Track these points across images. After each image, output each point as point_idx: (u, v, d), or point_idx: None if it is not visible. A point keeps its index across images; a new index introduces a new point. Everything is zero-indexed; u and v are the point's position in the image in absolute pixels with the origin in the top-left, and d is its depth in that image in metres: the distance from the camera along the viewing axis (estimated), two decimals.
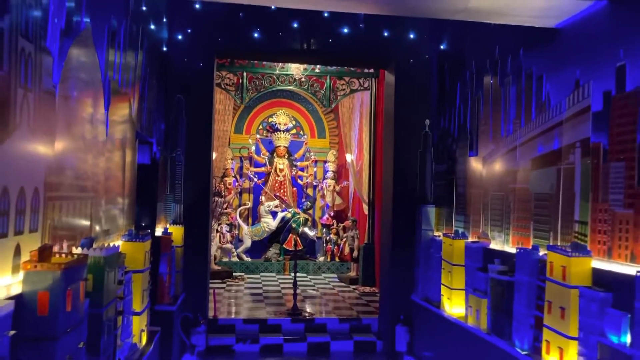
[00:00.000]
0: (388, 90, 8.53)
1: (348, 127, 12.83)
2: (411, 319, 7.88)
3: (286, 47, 8.08)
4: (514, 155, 5.76)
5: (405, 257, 8.05)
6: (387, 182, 8.42)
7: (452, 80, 7.60)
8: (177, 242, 7.34)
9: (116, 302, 3.79)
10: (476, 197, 6.62)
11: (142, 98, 5.77)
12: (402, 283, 8.06)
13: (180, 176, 7.64)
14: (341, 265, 12.94)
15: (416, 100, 8.15)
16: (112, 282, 3.52)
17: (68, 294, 2.48)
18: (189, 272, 7.70)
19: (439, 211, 7.75)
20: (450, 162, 7.46)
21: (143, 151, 6.65)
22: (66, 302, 2.47)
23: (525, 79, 5.65)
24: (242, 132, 14.11)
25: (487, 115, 6.46)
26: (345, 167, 13.88)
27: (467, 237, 6.68)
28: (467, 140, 6.93)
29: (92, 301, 3.15)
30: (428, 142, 8.04)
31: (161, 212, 7.14)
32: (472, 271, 6.21)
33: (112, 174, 4.51)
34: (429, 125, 8.06)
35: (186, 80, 7.77)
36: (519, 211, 5.62)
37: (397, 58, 8.18)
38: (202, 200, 7.82)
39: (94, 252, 3.21)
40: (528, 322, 4.97)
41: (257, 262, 12.91)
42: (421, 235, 7.76)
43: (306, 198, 13.88)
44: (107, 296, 3.39)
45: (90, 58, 3.70)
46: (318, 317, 8.54)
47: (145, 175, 6.59)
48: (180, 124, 7.70)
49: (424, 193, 7.99)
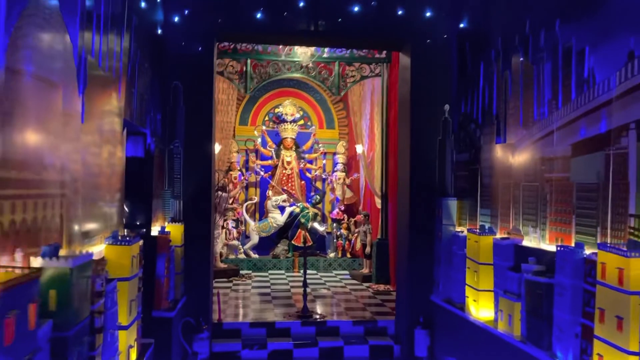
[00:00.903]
0: (403, 73, 7.87)
1: (358, 117, 12.18)
2: (432, 321, 7.26)
3: (292, 28, 7.43)
4: (550, 141, 5.10)
5: (423, 255, 7.43)
6: (404, 173, 7.77)
7: (474, 61, 6.94)
8: (177, 242, 6.75)
9: (93, 318, 3.20)
10: (505, 188, 5.97)
11: (131, 83, 5.17)
12: (420, 282, 7.45)
13: (179, 170, 7.04)
14: (353, 261, 12.33)
15: (434, 84, 7.49)
16: (85, 297, 2.93)
17: (7, 324, 1.89)
18: (191, 273, 7.12)
19: (461, 204, 7.11)
20: (474, 150, 6.81)
21: (135, 143, 6.06)
22: (4, 335, 1.87)
23: (562, 54, 4.98)
24: (247, 123, 13.51)
25: (516, 97, 5.79)
26: (355, 159, 13.25)
27: (495, 232, 6.04)
28: (493, 126, 6.27)
29: (56, 323, 2.56)
30: (448, 129, 7.39)
31: (158, 209, 6.55)
32: (502, 271, 5.58)
33: (93, 167, 3.91)
34: (448, 110, 7.40)
35: (184, 66, 7.15)
36: (557, 203, 4.96)
37: (413, 38, 7.52)
38: (203, 196, 7.23)
39: (58, 263, 2.62)
40: (573, 331, 4.33)
41: (265, 259, 12.34)
42: (442, 230, 7.13)
43: (315, 192, 13.28)
44: (77, 314, 2.79)
45: (57, 30, 3.08)
46: (330, 320, 7.94)
47: (138, 169, 6.01)
48: (179, 114, 7.09)
49: (444, 185, 7.35)
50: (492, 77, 6.38)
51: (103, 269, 3.56)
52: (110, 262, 3.90)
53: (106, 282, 3.60)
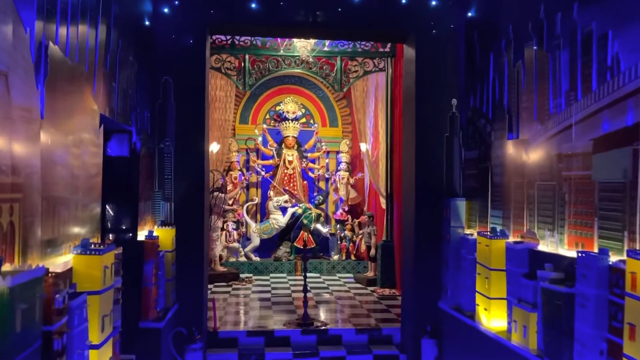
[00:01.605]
0: (408, 67, 7.43)
1: (362, 113, 11.74)
2: (439, 330, 6.82)
3: (289, 19, 7.01)
4: (568, 136, 4.65)
5: (430, 258, 7.00)
6: (408, 172, 7.34)
7: (483, 52, 6.48)
8: (167, 247, 6.35)
9: (50, 340, 2.79)
10: (518, 187, 5.52)
11: (110, 76, 4.76)
12: (427, 288, 7.02)
13: (170, 170, 6.64)
14: (357, 264, 11.91)
15: (441, 77, 7.05)
16: (33, 319, 2.52)
17: None
18: (183, 280, 6.71)
19: (470, 205, 6.66)
20: (484, 147, 6.36)
21: (119, 141, 5.65)
22: None
23: (582, 41, 4.52)
24: (247, 122, 13.10)
25: (530, 89, 5.34)
26: (359, 158, 12.82)
27: (508, 236, 5.59)
28: (504, 121, 5.82)
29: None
30: (455, 125, 6.95)
31: (146, 212, 6.14)
32: (515, 278, 5.13)
33: (59, 168, 3.50)
34: (456, 105, 6.96)
35: (174, 60, 6.75)
36: (577, 205, 4.51)
37: (417, 29, 7.08)
38: (196, 197, 6.82)
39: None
40: (597, 348, 3.87)
41: (267, 262, 11.93)
42: (450, 233, 6.68)
43: (318, 192, 12.86)
44: (22, 340, 2.38)
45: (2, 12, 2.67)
46: (332, 328, 7.50)
47: (123, 169, 5.60)
48: (169, 111, 6.69)
49: (452, 184, 6.90)
50: (503, 68, 5.93)
51: (67, 282, 3.15)
52: (79, 273, 3.49)
53: (71, 297, 3.19)
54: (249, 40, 10.10)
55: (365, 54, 10.39)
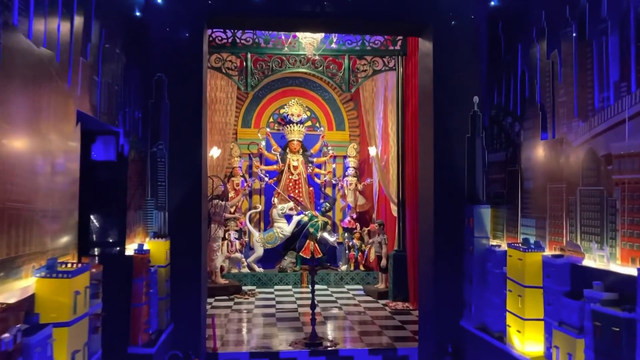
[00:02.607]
0: (424, 62, 6.81)
1: (371, 115, 11.11)
2: (462, 351, 6.17)
3: (294, 10, 6.41)
4: (619, 133, 4.01)
5: (451, 272, 6.36)
6: (426, 177, 6.70)
7: (509, 43, 5.86)
8: (160, 261, 5.74)
9: None
10: (555, 193, 4.87)
11: (91, 69, 4.16)
12: (448, 304, 6.38)
13: (164, 176, 6.03)
14: (367, 274, 11.25)
15: (461, 72, 6.44)
16: None
17: None
18: (178, 297, 6.09)
19: (496, 213, 6.02)
20: (512, 148, 5.72)
21: (106, 144, 5.05)
22: None
23: (635, 22, 3.90)
24: (250, 126, 12.49)
25: (568, 82, 4.71)
26: (368, 163, 12.19)
27: (544, 248, 4.94)
28: (536, 119, 5.19)
29: None
30: (478, 124, 6.32)
31: (137, 223, 5.53)
32: (555, 297, 4.49)
33: (20, 172, 2.88)
34: (478, 103, 6.34)
35: (169, 56, 6.16)
36: (632, 213, 3.87)
37: (435, 21, 6.47)
38: (192, 206, 6.20)
39: None
40: None
41: (271, 273, 11.29)
42: (473, 244, 6.04)
43: (324, 199, 12.23)
44: None
45: None
46: (343, 348, 6.84)
47: (109, 175, 4.99)
48: (162, 111, 6.08)
49: (475, 190, 6.27)
50: (534, 59, 5.30)
51: (20, 314, 2.52)
52: (43, 301, 2.87)
53: (29, 332, 2.56)
54: (251, 38, 9.52)
55: (375, 52, 9.78)
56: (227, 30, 9.38)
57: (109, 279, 4.75)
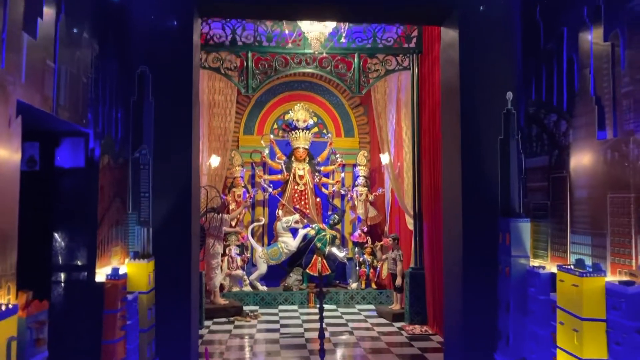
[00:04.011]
0: (447, 54, 5.96)
1: (383, 119, 10.24)
2: None
3: None
4: None
5: (483, 296, 5.47)
6: (451, 186, 5.83)
7: (550, 28, 5.00)
8: (141, 286, 4.88)
9: None
10: (619, 204, 3.97)
11: (43, 52, 3.32)
12: (479, 333, 5.48)
13: (147, 186, 5.17)
14: (379, 293, 10.36)
15: (491, 65, 5.61)
16: None
17: None
18: (165, 328, 5.21)
19: (537, 228, 5.13)
20: (557, 151, 4.83)
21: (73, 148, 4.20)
22: None
23: None
24: (253, 132, 11.66)
25: (635, 66, 3.83)
26: (379, 171, 11.32)
27: (605, 272, 4.03)
28: (590, 114, 4.30)
29: None
30: (512, 124, 5.44)
31: (112, 242, 4.66)
32: (628, 335, 3.58)
33: None
34: (511, 100, 5.46)
35: (154, 47, 5.34)
36: None
37: (461, 5, 5.64)
38: (181, 221, 5.35)
39: None
40: None
41: (275, 292, 10.41)
42: (510, 264, 5.14)
43: (333, 211, 11.35)
44: None
45: None
46: None
47: (75, 185, 4.15)
48: (146, 110, 5.24)
49: (510, 201, 5.37)
50: (585, 44, 4.43)
51: None
52: None
53: None
54: (252, 36, 8.72)
55: (387, 50, 8.96)
56: (226, 27, 8.61)
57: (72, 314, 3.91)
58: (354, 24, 8.64)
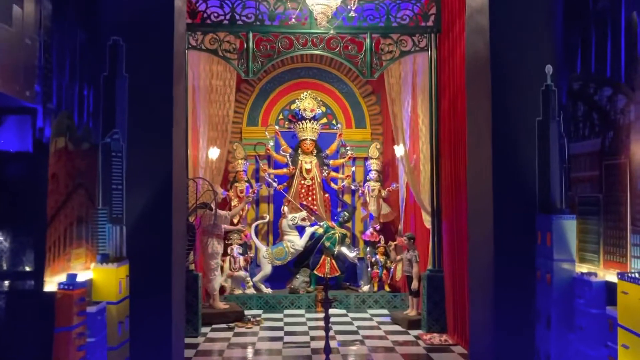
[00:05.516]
0: (475, 21, 5.11)
1: (398, 106, 9.38)
2: None
3: None
4: None
5: (516, 305, 4.70)
6: (479, 176, 4.99)
7: None
8: (110, 295, 4.11)
9: None
10: None
11: None
12: (512, 350, 4.68)
13: (121, 177, 4.40)
14: (393, 296, 9.56)
15: (527, 33, 4.75)
16: None
17: None
18: (141, 343, 4.43)
19: (585, 227, 4.28)
20: (612, 132, 3.98)
21: (18, 127, 3.43)
22: None
23: None
24: (256, 124, 10.89)
25: None
26: (393, 165, 10.50)
27: None
28: None
29: None
30: (552, 103, 4.61)
31: (71, 243, 3.88)
32: None
33: None
34: (551, 74, 4.61)
35: (128, 12, 4.55)
36: None
37: None
38: (160, 218, 4.57)
39: None
40: None
41: (280, 295, 9.66)
42: (551, 269, 4.31)
43: (342, 207, 10.55)
44: None
45: None
46: None
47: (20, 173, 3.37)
48: (119, 87, 4.48)
49: (550, 194, 4.54)
50: None
51: None
52: None
53: None
54: (254, 14, 7.93)
55: (402, 29, 8.11)
56: (225, 4, 7.82)
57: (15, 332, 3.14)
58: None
